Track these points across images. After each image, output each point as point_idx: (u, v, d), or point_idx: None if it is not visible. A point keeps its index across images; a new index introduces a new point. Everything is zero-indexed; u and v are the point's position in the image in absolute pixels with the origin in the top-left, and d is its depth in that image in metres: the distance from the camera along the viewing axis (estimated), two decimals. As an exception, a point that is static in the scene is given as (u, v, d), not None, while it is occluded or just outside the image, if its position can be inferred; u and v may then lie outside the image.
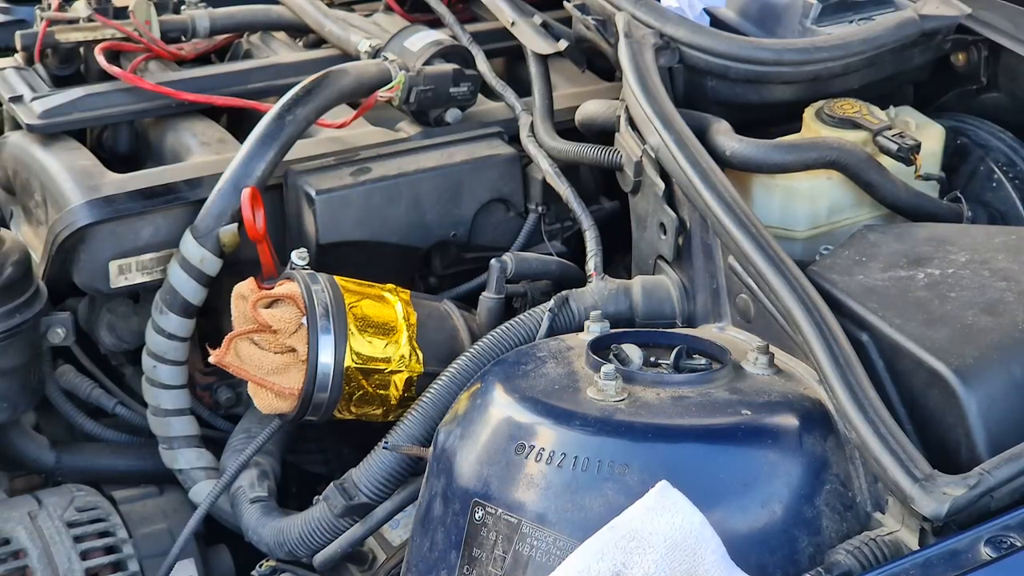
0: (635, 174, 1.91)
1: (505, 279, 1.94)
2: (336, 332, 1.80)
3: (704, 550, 1.38)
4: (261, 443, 1.96)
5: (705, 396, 1.53)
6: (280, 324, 1.79)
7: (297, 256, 1.89)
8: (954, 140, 2.09)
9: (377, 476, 1.74)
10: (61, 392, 2.20)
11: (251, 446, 1.96)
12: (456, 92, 2.22)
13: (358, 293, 1.87)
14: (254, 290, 1.83)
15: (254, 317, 1.79)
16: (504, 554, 1.46)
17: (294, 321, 1.79)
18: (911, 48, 2.11)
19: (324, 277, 1.86)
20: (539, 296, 2.00)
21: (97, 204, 2.05)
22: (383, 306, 1.88)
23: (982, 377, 1.52)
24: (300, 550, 1.81)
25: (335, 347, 1.80)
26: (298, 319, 1.79)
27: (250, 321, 1.81)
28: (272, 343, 1.80)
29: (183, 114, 2.29)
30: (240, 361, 1.79)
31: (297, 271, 1.86)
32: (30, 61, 2.37)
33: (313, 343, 1.79)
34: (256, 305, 1.79)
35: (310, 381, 1.79)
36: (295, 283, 1.83)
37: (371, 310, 1.86)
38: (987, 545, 1.34)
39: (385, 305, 1.88)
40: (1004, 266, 1.69)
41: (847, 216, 1.94)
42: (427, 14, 2.51)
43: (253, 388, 1.83)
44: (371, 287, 1.91)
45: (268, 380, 1.80)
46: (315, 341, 1.79)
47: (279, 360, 1.80)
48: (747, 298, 1.72)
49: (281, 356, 1.81)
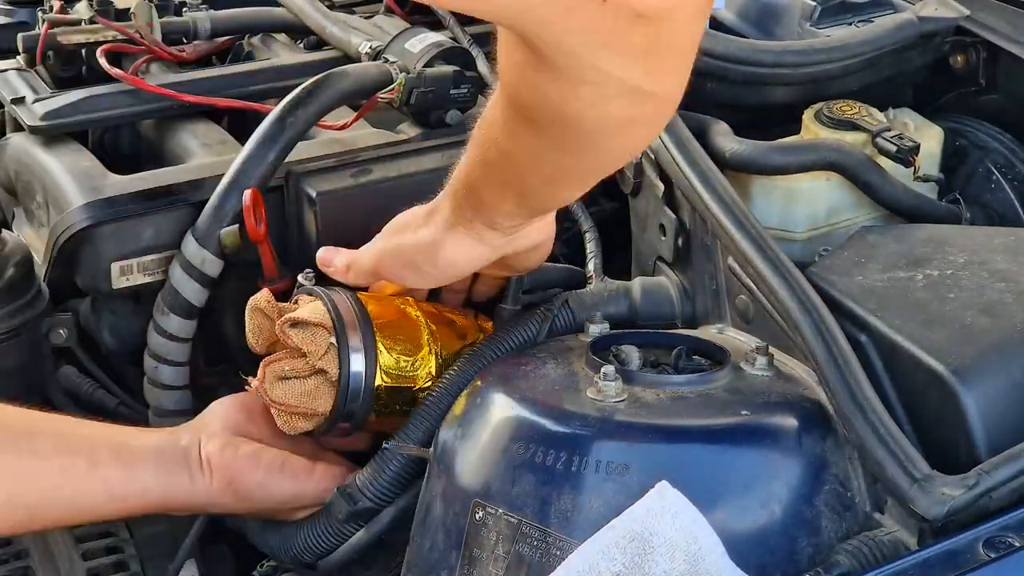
0: (635, 175, 1.91)
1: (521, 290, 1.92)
2: (367, 354, 1.76)
3: (704, 550, 1.38)
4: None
5: (705, 397, 1.53)
6: (309, 347, 1.74)
7: (304, 278, 1.86)
8: (953, 142, 2.09)
9: (381, 481, 1.73)
10: (63, 393, 2.20)
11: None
12: (457, 94, 2.21)
13: (380, 311, 1.82)
14: (270, 302, 1.79)
15: (283, 342, 1.75)
16: (505, 554, 1.46)
17: (323, 343, 1.75)
18: (910, 50, 2.11)
19: (347, 294, 1.82)
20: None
21: (99, 206, 2.04)
22: (407, 322, 1.84)
23: (981, 377, 1.52)
24: (305, 556, 1.81)
25: (365, 364, 1.76)
26: (327, 340, 1.75)
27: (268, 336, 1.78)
28: (300, 367, 1.76)
29: (185, 116, 2.29)
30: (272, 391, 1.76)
31: (319, 288, 1.82)
32: (32, 63, 2.37)
33: (344, 361, 1.75)
34: (283, 328, 1.75)
35: (342, 396, 1.76)
36: (318, 302, 1.79)
37: (396, 326, 1.82)
38: (986, 545, 1.35)
39: (408, 321, 1.84)
40: (1003, 267, 1.69)
41: (846, 217, 1.94)
42: (428, 16, 2.51)
43: (281, 421, 1.79)
44: (391, 302, 1.87)
45: (301, 406, 1.76)
46: (346, 359, 1.75)
47: (309, 384, 1.77)
48: (746, 299, 1.72)
49: (311, 380, 1.77)
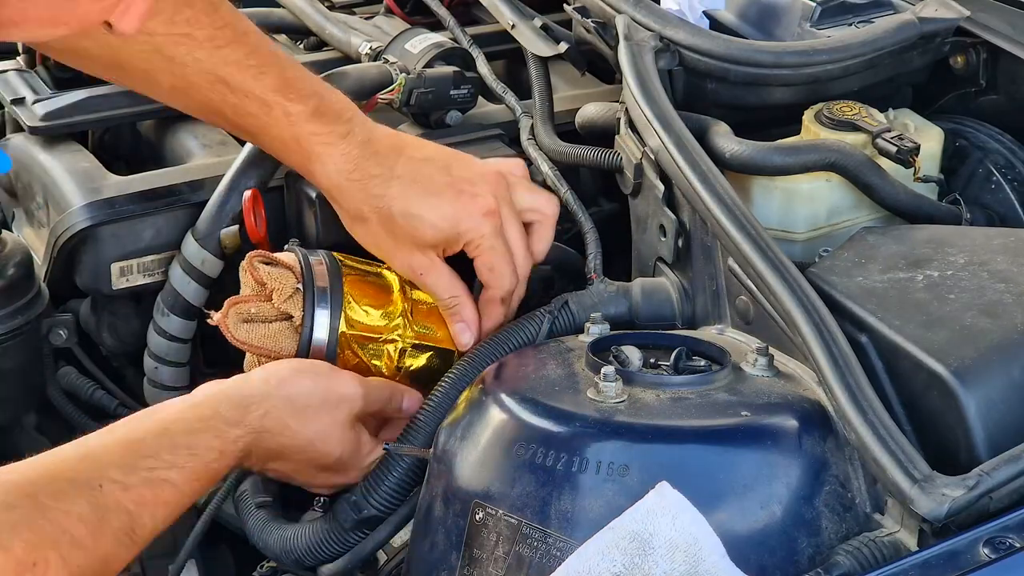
0: (635, 176, 1.91)
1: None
2: (332, 299, 1.82)
3: (704, 551, 1.38)
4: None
5: (705, 397, 1.53)
6: (275, 284, 1.80)
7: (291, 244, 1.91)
8: (953, 142, 2.09)
9: (385, 488, 1.74)
10: (63, 393, 2.20)
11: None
12: (456, 94, 2.22)
13: (356, 268, 1.89)
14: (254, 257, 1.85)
15: (250, 272, 1.80)
16: (505, 555, 1.46)
17: (290, 285, 1.81)
18: (910, 51, 2.11)
19: (323, 252, 1.88)
20: (537, 283, 2.00)
21: (99, 206, 2.05)
22: (380, 280, 1.90)
23: (981, 378, 1.52)
24: (307, 560, 1.81)
25: (331, 313, 1.82)
26: (294, 284, 1.81)
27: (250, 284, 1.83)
28: (267, 311, 1.81)
29: (184, 116, 2.28)
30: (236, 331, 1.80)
31: (295, 247, 1.88)
32: (32, 64, 2.37)
33: (309, 307, 1.80)
34: (252, 260, 1.80)
35: (304, 344, 1.80)
36: (293, 253, 1.86)
37: (368, 281, 1.88)
38: (986, 546, 1.34)
39: (382, 279, 1.90)
40: (1003, 268, 1.69)
41: (846, 218, 1.94)
42: (427, 17, 2.51)
43: (248, 360, 1.84)
44: (370, 264, 1.92)
45: (263, 347, 1.80)
46: (311, 306, 1.80)
47: (273, 327, 1.82)
48: (747, 300, 1.72)
49: (275, 323, 1.82)
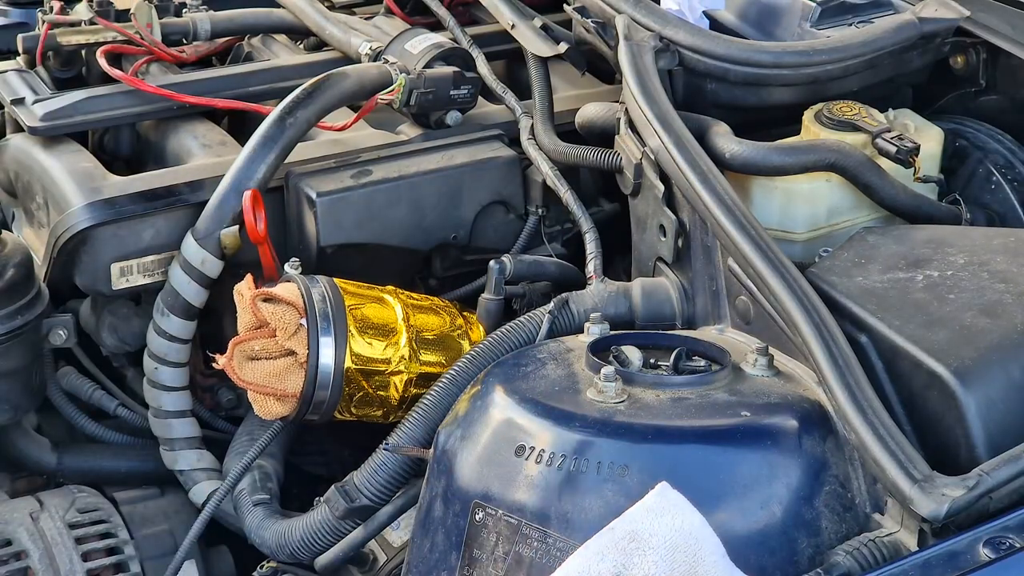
0: (635, 176, 1.91)
1: (504, 280, 1.95)
2: (336, 333, 1.81)
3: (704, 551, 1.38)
4: (263, 446, 1.96)
5: (705, 398, 1.53)
6: (279, 322, 1.78)
7: (290, 267, 1.90)
8: (953, 142, 2.09)
9: (379, 478, 1.74)
10: (63, 393, 2.21)
11: (253, 449, 1.96)
12: (456, 95, 2.22)
13: (358, 295, 1.87)
14: (251, 287, 1.83)
15: (252, 312, 1.79)
16: (504, 555, 1.46)
17: (293, 322, 1.79)
18: (910, 51, 2.11)
19: (323, 279, 1.86)
20: (538, 297, 2.00)
21: (98, 206, 2.05)
22: (383, 308, 1.89)
23: (981, 378, 1.52)
24: (302, 553, 1.82)
25: (335, 348, 1.80)
26: (297, 320, 1.79)
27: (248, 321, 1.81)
28: (271, 348, 1.80)
29: (184, 116, 2.29)
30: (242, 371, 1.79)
31: (296, 274, 1.87)
32: (32, 64, 2.38)
33: (313, 344, 1.79)
34: (255, 301, 1.79)
35: (310, 382, 1.80)
36: (294, 284, 1.84)
37: (371, 312, 1.87)
38: (986, 546, 1.34)
39: (385, 307, 1.89)
40: (1003, 268, 1.69)
41: (846, 218, 1.94)
42: (427, 17, 2.51)
43: (253, 395, 1.84)
44: (371, 289, 1.91)
45: (269, 386, 1.79)
46: (315, 342, 1.79)
47: (279, 364, 1.80)
48: (746, 300, 1.72)
49: (280, 360, 1.80)
